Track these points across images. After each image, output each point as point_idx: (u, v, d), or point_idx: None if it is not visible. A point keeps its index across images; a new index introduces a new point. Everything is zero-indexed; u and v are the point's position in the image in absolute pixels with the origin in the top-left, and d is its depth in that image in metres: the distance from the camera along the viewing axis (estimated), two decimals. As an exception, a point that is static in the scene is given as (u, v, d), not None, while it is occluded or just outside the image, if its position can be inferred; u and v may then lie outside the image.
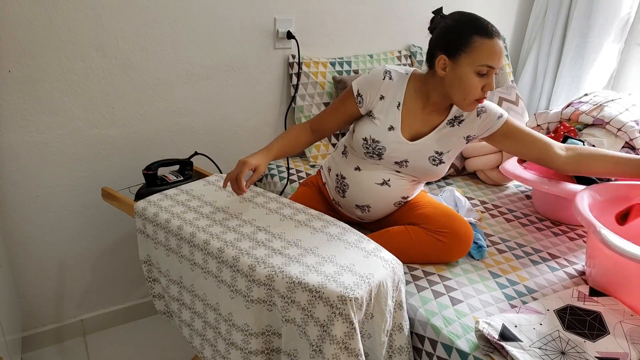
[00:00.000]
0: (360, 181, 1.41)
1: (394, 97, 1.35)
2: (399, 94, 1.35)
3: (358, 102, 1.37)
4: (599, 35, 2.21)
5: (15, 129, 1.51)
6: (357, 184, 1.41)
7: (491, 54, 1.20)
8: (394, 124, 1.34)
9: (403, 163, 1.36)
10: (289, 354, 1.09)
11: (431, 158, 1.35)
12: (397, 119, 1.34)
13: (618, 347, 1.05)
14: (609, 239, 1.10)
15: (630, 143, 1.73)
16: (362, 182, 1.40)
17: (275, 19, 1.81)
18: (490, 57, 1.20)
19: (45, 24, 1.45)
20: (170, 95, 1.72)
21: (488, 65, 1.21)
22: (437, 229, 1.33)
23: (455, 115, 1.36)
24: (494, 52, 1.20)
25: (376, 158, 1.37)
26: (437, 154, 1.35)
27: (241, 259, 1.09)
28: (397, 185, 1.39)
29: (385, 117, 1.35)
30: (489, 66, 1.21)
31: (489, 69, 1.22)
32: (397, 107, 1.35)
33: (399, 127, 1.34)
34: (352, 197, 1.44)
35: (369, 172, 1.39)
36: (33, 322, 1.75)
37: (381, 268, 1.09)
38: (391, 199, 1.41)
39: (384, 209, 1.44)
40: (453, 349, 1.12)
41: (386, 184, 1.39)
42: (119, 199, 1.41)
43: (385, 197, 1.41)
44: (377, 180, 1.39)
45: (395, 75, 1.35)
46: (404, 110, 1.35)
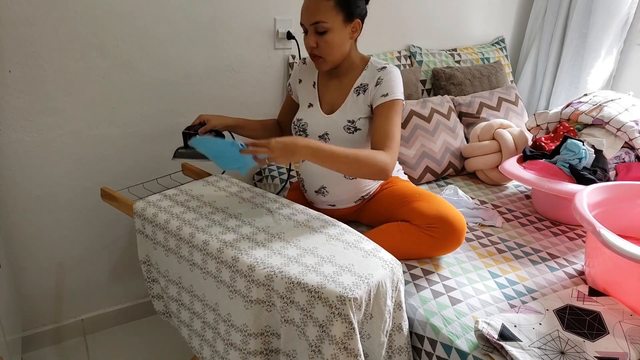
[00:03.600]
0: (307, 168, 1.50)
1: (310, 78, 1.52)
2: (313, 75, 1.52)
3: (289, 90, 1.60)
4: (598, 36, 2.21)
5: (15, 129, 1.51)
6: (306, 171, 1.51)
7: (302, 10, 1.35)
8: (312, 101, 1.49)
9: (325, 136, 1.44)
10: (288, 354, 1.09)
11: (345, 127, 1.41)
12: (314, 96, 1.49)
13: (617, 347, 1.05)
14: (609, 239, 1.10)
15: (630, 143, 1.73)
16: (308, 167, 1.49)
17: (275, 19, 1.82)
18: (301, 13, 1.35)
19: (45, 24, 1.45)
20: (170, 95, 1.72)
21: (300, 23, 1.36)
22: (428, 225, 1.33)
23: (361, 83, 1.43)
24: (302, 8, 1.35)
25: (303, 135, 1.47)
26: (349, 122, 1.41)
27: (240, 259, 1.09)
28: None
29: (305, 97, 1.51)
30: (301, 24, 1.36)
31: (303, 24, 1.36)
32: (313, 86, 1.50)
33: (317, 103, 1.48)
34: (309, 186, 1.52)
35: None
36: (33, 322, 1.76)
37: (380, 268, 1.09)
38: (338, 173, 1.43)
39: (338, 184, 1.47)
40: (452, 348, 1.12)
41: None
42: (118, 199, 1.41)
43: (333, 173, 1.39)
44: None
45: (309, 60, 1.53)
46: (321, 87, 1.49)
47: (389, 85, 1.37)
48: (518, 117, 2.17)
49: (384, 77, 1.38)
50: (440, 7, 2.23)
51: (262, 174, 1.96)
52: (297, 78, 1.56)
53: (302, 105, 1.51)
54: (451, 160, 1.95)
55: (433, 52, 2.23)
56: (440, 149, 1.92)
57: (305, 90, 1.52)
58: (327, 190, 1.48)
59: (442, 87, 2.17)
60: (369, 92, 1.40)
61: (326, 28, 1.32)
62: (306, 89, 1.52)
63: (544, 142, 1.81)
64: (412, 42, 2.22)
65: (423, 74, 2.17)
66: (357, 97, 1.42)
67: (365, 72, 1.43)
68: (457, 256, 1.42)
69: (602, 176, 1.60)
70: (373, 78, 1.40)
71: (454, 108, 2.07)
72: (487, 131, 1.94)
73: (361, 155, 1.26)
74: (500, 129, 1.93)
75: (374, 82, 1.39)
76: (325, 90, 1.48)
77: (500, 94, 2.19)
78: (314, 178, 1.49)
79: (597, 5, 2.19)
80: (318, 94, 1.49)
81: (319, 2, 1.30)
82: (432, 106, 1.97)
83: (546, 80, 2.45)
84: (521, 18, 2.55)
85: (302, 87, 1.53)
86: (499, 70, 2.31)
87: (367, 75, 1.42)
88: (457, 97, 2.13)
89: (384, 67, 1.41)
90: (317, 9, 1.30)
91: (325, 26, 1.31)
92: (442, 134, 1.94)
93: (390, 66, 1.41)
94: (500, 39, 2.49)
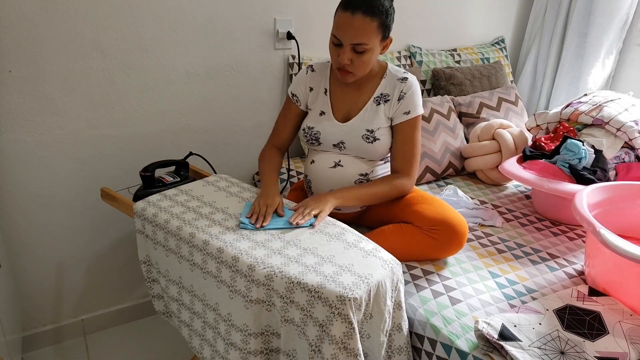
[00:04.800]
0: (316, 171, 1.47)
1: (320, 85, 1.46)
2: (324, 81, 1.46)
3: (295, 101, 1.49)
4: (598, 36, 2.21)
5: (15, 129, 1.51)
6: (315, 174, 1.48)
7: (339, 27, 1.28)
8: (324, 109, 1.44)
9: (340, 144, 1.42)
10: (288, 354, 1.09)
11: (364, 137, 1.39)
12: (326, 103, 1.45)
13: (617, 347, 1.05)
14: (609, 239, 1.10)
15: (630, 143, 1.73)
16: (318, 170, 1.47)
17: (275, 19, 1.82)
18: (337, 29, 1.28)
19: (45, 24, 1.45)
20: (170, 95, 1.72)
21: (335, 35, 1.29)
22: (431, 227, 1.33)
23: (381, 93, 1.41)
24: (341, 24, 1.27)
25: (316, 144, 1.45)
26: (368, 132, 1.39)
27: (240, 259, 1.09)
28: (350, 164, 1.44)
29: (316, 105, 1.46)
30: (336, 37, 1.29)
31: (339, 41, 1.29)
32: (325, 93, 1.45)
33: (329, 110, 1.44)
34: (317, 189, 1.49)
35: (321, 160, 1.46)
36: (33, 322, 1.76)
37: (380, 268, 1.09)
38: (349, 177, 1.44)
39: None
40: (452, 348, 1.12)
41: (338, 165, 1.44)
42: (118, 199, 1.41)
43: (343, 178, 1.44)
44: (330, 164, 1.45)
45: (317, 67, 1.48)
46: (333, 95, 1.45)
47: (412, 102, 1.38)
48: (518, 117, 2.17)
49: (407, 91, 1.38)
50: (440, 7, 2.23)
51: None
52: (307, 87, 1.47)
53: (313, 113, 1.46)
54: (451, 160, 1.95)
55: (433, 52, 2.23)
56: (440, 149, 1.92)
57: (317, 98, 1.46)
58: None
59: (442, 87, 2.17)
60: (391, 105, 1.39)
61: (366, 49, 1.28)
62: (317, 97, 1.46)
63: (544, 142, 1.81)
64: (412, 42, 2.22)
65: (423, 74, 2.17)
66: (377, 107, 1.40)
67: (384, 81, 1.41)
68: (457, 256, 1.42)
69: (602, 176, 1.60)
70: (394, 89, 1.39)
71: (453, 108, 2.07)
72: (487, 131, 1.94)
73: (382, 187, 1.39)
74: (500, 129, 1.93)
75: (395, 94, 1.38)
76: (339, 98, 1.44)
77: (500, 94, 2.19)
78: (323, 182, 1.46)
79: (597, 5, 2.19)
80: (330, 101, 1.45)
81: (365, 23, 1.24)
82: (432, 106, 1.97)
83: (546, 80, 2.45)
84: (521, 18, 2.55)
85: (314, 95, 1.47)
86: (499, 70, 2.31)
87: (387, 84, 1.40)
88: (457, 97, 2.14)
89: (405, 77, 1.39)
90: (363, 31, 1.25)
91: (366, 47, 1.27)
92: (442, 134, 1.94)
93: (411, 77, 1.40)
94: (500, 39, 2.49)
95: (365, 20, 1.24)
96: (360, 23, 1.24)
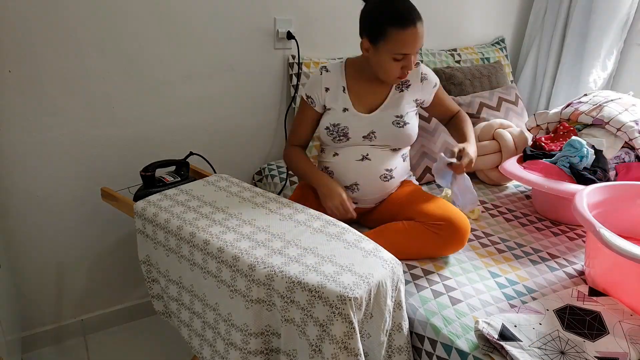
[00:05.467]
0: (341, 162, 1.49)
1: (337, 84, 1.48)
2: (340, 80, 1.48)
3: (310, 103, 1.51)
4: (598, 36, 2.21)
5: (15, 129, 1.51)
6: (339, 165, 1.49)
7: (405, 44, 1.31)
8: (346, 105, 1.47)
9: (371, 135, 1.45)
10: (288, 354, 1.09)
11: (394, 122, 1.45)
12: (347, 100, 1.47)
13: (617, 347, 1.05)
14: (609, 239, 1.10)
15: (630, 143, 1.73)
16: (343, 162, 1.48)
17: (275, 19, 1.82)
18: (404, 47, 1.32)
19: (45, 24, 1.45)
20: (170, 95, 1.72)
21: (403, 53, 1.33)
22: (434, 222, 1.35)
23: (401, 81, 1.47)
24: (407, 41, 1.31)
25: (344, 140, 1.46)
26: (398, 117, 1.46)
27: (241, 258, 1.09)
28: (377, 157, 1.46)
29: (337, 103, 1.48)
30: (404, 54, 1.33)
31: (405, 55, 1.34)
32: (344, 91, 1.48)
33: (351, 106, 1.47)
34: (339, 181, 1.49)
35: (348, 153, 1.48)
36: (33, 322, 1.75)
37: (380, 268, 1.09)
38: (376, 172, 1.47)
39: (372, 184, 1.49)
40: (453, 348, 1.12)
41: (366, 159, 1.46)
42: (118, 199, 1.41)
43: (370, 172, 1.47)
44: (357, 157, 1.47)
45: (331, 67, 1.51)
46: (351, 92, 1.48)
47: (432, 77, 1.55)
48: (518, 117, 2.17)
49: (424, 71, 1.52)
50: (440, 7, 2.23)
51: (262, 174, 1.96)
52: (322, 87, 1.48)
53: (335, 111, 1.47)
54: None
55: (433, 52, 2.23)
56: (440, 149, 1.92)
57: (335, 97, 1.48)
58: (359, 187, 1.48)
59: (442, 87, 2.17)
60: (415, 88, 1.50)
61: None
62: (336, 96, 1.48)
63: (544, 142, 1.81)
64: (412, 42, 2.22)
65: (423, 74, 2.17)
66: (400, 94, 1.48)
67: None
68: (457, 256, 1.42)
69: (602, 176, 1.60)
70: (412, 75, 1.49)
71: (454, 108, 2.06)
72: (487, 131, 1.94)
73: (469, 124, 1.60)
74: (500, 129, 1.93)
75: (417, 79, 1.50)
76: (359, 93, 1.48)
77: (500, 94, 2.19)
78: (348, 174, 1.48)
79: (597, 5, 2.19)
80: (350, 98, 1.47)
81: (423, 29, 1.33)
82: (432, 106, 1.97)
83: (546, 80, 2.45)
84: (521, 18, 2.55)
85: (331, 94, 1.48)
86: (499, 70, 2.31)
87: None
88: (457, 97, 2.13)
89: (417, 63, 1.49)
90: (423, 37, 1.34)
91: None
92: (442, 134, 1.94)
93: (421, 63, 1.54)
94: (500, 39, 2.49)
95: (422, 27, 1.33)
96: (422, 32, 1.33)
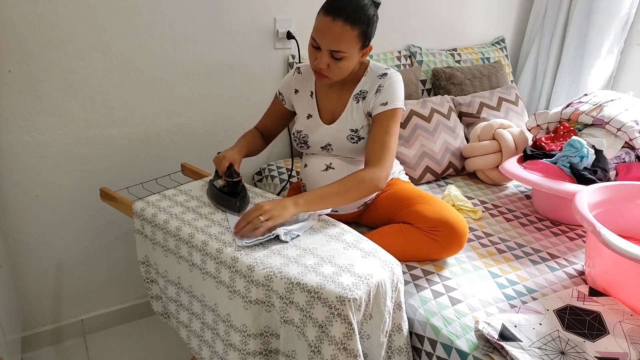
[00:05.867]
0: (309, 174, 1.48)
1: (306, 88, 1.46)
2: (310, 84, 1.46)
3: (281, 99, 1.51)
4: (598, 36, 2.21)
5: (15, 129, 1.51)
6: (309, 177, 1.48)
7: (316, 30, 1.26)
8: (311, 112, 1.44)
9: (328, 147, 1.42)
10: (287, 354, 1.09)
11: (349, 137, 1.39)
12: (313, 106, 1.44)
13: (618, 347, 1.05)
14: (609, 239, 1.10)
15: (630, 143, 1.73)
16: (311, 174, 1.47)
17: (275, 19, 1.82)
18: (315, 32, 1.26)
19: (45, 24, 1.45)
20: (170, 95, 1.72)
21: (314, 38, 1.27)
22: (431, 228, 1.32)
23: (360, 90, 1.39)
24: (318, 28, 1.25)
25: (305, 147, 1.46)
26: (352, 132, 1.38)
27: (240, 259, 1.09)
28: (341, 167, 1.43)
29: (303, 107, 1.46)
30: (315, 40, 1.26)
31: (317, 44, 1.26)
32: (311, 96, 1.45)
33: (316, 113, 1.44)
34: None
35: (313, 164, 1.47)
36: (33, 322, 1.76)
37: (380, 269, 1.09)
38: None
39: None
40: (453, 348, 1.12)
41: (330, 168, 1.44)
42: (118, 199, 1.41)
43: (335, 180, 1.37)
44: (321, 168, 1.45)
45: (304, 69, 1.48)
46: (319, 97, 1.44)
47: (388, 93, 1.33)
48: (518, 117, 2.17)
49: (384, 84, 1.34)
50: (440, 7, 2.23)
51: (262, 174, 1.96)
52: (292, 88, 1.48)
53: (300, 116, 1.46)
54: (451, 160, 1.95)
55: (433, 52, 2.23)
56: (440, 149, 1.92)
57: (303, 101, 1.46)
58: None
59: (442, 87, 2.17)
60: (369, 100, 1.36)
61: (344, 56, 1.26)
62: (303, 99, 1.46)
63: (544, 142, 1.81)
64: (412, 42, 2.22)
65: (423, 74, 2.17)
66: (356, 105, 1.38)
67: (365, 78, 1.38)
68: (457, 256, 1.42)
69: (602, 176, 1.60)
70: (373, 85, 1.36)
71: (454, 108, 2.06)
72: (487, 131, 1.94)
73: (348, 183, 1.25)
74: (500, 129, 1.92)
75: (373, 89, 1.35)
76: (324, 99, 1.44)
77: (501, 93, 2.18)
78: (316, 185, 1.43)
79: (597, 5, 2.19)
80: (317, 103, 1.44)
81: (344, 32, 1.21)
82: (432, 106, 1.97)
83: (546, 80, 2.45)
84: (521, 18, 2.55)
85: (299, 97, 1.47)
86: (499, 70, 2.31)
87: (367, 81, 1.38)
88: (457, 97, 2.13)
89: (385, 73, 1.36)
90: (341, 39, 1.23)
91: (343, 55, 1.25)
92: (442, 134, 1.94)
93: (391, 72, 1.36)
94: (500, 39, 2.49)
95: (346, 28, 1.21)
96: (340, 30, 1.21)
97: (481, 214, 1.69)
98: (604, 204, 1.39)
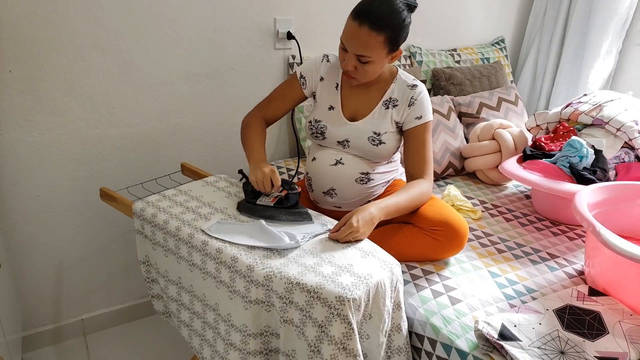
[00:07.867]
0: (317, 168, 1.45)
1: (332, 79, 1.44)
2: (336, 76, 1.44)
3: (302, 83, 1.47)
4: (598, 36, 2.21)
5: (15, 129, 1.51)
6: (316, 171, 1.46)
7: (345, 33, 1.27)
8: (334, 104, 1.42)
9: (345, 142, 1.40)
10: (287, 354, 1.09)
11: (370, 139, 1.38)
12: (336, 99, 1.42)
13: (617, 347, 1.05)
14: (609, 239, 1.10)
15: (630, 143, 1.73)
16: (319, 168, 1.45)
17: (275, 19, 1.82)
18: (344, 35, 1.28)
19: (45, 24, 1.45)
20: (170, 95, 1.72)
21: (342, 41, 1.29)
22: (432, 228, 1.33)
23: (390, 97, 1.39)
24: (347, 32, 1.27)
25: (320, 138, 1.43)
26: (375, 134, 1.38)
27: (239, 259, 1.09)
28: (351, 162, 1.42)
29: (325, 97, 1.44)
30: (343, 42, 1.29)
31: (345, 46, 1.28)
32: (336, 88, 1.43)
33: (339, 106, 1.42)
34: (317, 187, 1.47)
35: (322, 157, 1.44)
36: (33, 322, 1.76)
37: (379, 269, 1.09)
38: (349, 176, 1.42)
39: (349, 188, 1.43)
40: (452, 348, 1.12)
41: (339, 163, 1.42)
42: (117, 199, 1.41)
43: (343, 176, 1.42)
44: (330, 162, 1.43)
45: (332, 59, 1.46)
46: (344, 91, 1.43)
47: (422, 107, 1.37)
48: (518, 117, 2.17)
49: (417, 97, 1.37)
50: (440, 7, 2.23)
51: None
52: (318, 74, 1.45)
53: (321, 106, 1.44)
54: (451, 160, 1.95)
55: (433, 52, 2.23)
56: (440, 149, 1.92)
57: (326, 90, 1.44)
58: (336, 192, 1.44)
59: (442, 87, 2.17)
60: (400, 110, 1.38)
61: (369, 60, 1.27)
62: (327, 89, 1.44)
63: (544, 142, 1.81)
64: (412, 42, 2.22)
65: (423, 74, 2.17)
66: (385, 111, 1.38)
67: (394, 85, 1.39)
68: (457, 256, 1.42)
69: (602, 176, 1.60)
70: (404, 95, 1.38)
71: (453, 108, 2.07)
72: (487, 131, 1.94)
73: (414, 195, 1.33)
74: (500, 129, 1.93)
75: (405, 101, 1.37)
76: (349, 95, 1.42)
77: (500, 94, 2.19)
78: (324, 179, 1.44)
79: (596, 5, 2.19)
80: (341, 97, 1.43)
81: (370, 37, 1.22)
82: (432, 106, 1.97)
83: (546, 80, 2.45)
84: (521, 18, 2.55)
85: (323, 85, 1.45)
86: (499, 70, 2.31)
87: (397, 89, 1.39)
88: (457, 97, 2.13)
89: (415, 85, 1.38)
90: (367, 44, 1.24)
91: (369, 59, 1.26)
92: (442, 134, 1.94)
93: (420, 83, 1.40)
94: (500, 39, 2.49)
95: (371, 35, 1.22)
96: (365, 36, 1.22)
97: (481, 214, 1.69)
98: (603, 204, 1.39)
